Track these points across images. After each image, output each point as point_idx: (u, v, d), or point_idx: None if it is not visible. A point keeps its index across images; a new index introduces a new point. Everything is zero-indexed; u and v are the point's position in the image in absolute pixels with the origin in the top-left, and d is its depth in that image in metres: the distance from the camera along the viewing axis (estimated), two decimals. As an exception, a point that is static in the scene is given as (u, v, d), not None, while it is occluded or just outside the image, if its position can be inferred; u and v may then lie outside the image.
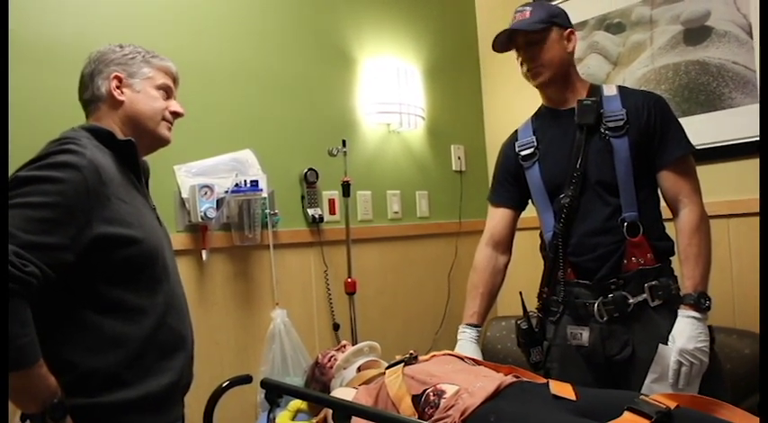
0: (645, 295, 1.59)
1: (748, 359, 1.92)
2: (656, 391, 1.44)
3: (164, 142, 1.41)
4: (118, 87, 1.33)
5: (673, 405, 1.14)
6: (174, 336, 1.29)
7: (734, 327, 2.07)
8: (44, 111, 1.76)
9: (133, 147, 1.31)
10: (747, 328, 2.02)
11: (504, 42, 1.73)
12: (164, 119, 1.38)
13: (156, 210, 1.40)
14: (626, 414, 1.12)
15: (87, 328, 1.17)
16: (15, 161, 1.18)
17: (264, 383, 1.35)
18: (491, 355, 2.56)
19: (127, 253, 1.20)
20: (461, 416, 1.24)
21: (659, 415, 1.10)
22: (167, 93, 1.40)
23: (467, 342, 1.76)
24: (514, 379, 1.39)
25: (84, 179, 1.13)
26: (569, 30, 1.71)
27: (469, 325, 1.78)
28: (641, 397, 1.17)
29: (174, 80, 1.43)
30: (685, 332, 1.50)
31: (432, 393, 1.34)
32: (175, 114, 1.41)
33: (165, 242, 1.37)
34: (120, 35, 1.95)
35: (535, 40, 1.67)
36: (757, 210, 1.86)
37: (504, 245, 1.88)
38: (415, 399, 1.37)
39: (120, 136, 1.30)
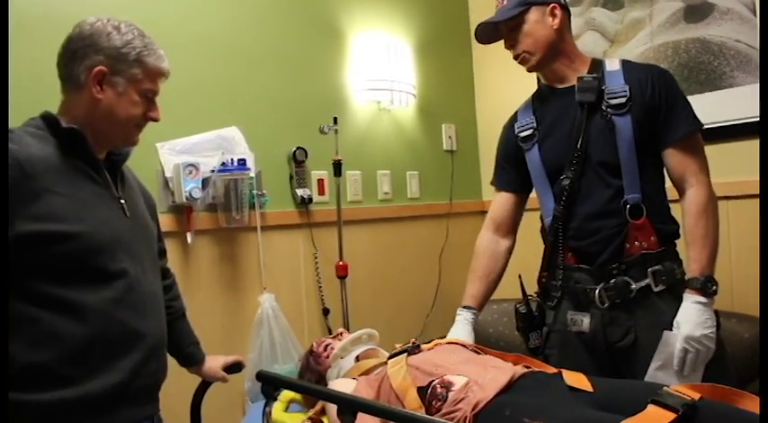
0: (648, 280, 1.54)
1: (748, 343, 1.90)
2: (661, 379, 1.42)
3: (129, 146, 1.35)
4: (99, 82, 1.23)
5: (696, 396, 1.10)
6: (125, 333, 1.22)
7: (732, 310, 2.05)
8: (44, 84, 1.61)
9: (78, 135, 1.22)
10: (746, 312, 2.01)
11: (490, 33, 1.72)
12: (136, 125, 1.31)
13: (122, 199, 1.31)
14: (650, 407, 1.07)
15: (26, 322, 1.14)
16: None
17: (261, 376, 1.28)
18: (483, 339, 2.50)
19: (62, 249, 1.15)
20: (473, 410, 1.18)
21: (685, 408, 1.05)
22: (150, 97, 1.31)
23: (459, 324, 1.74)
24: (526, 370, 1.34)
25: None
26: (552, 5, 1.64)
27: (465, 307, 1.76)
28: (665, 389, 1.12)
29: (163, 78, 1.33)
30: (691, 318, 1.46)
31: (439, 385, 1.29)
32: (151, 119, 1.33)
33: (133, 234, 1.30)
34: (110, 10, 1.83)
35: (514, 26, 1.65)
36: (757, 191, 1.83)
37: (506, 229, 1.84)
38: (421, 391, 1.32)
39: (65, 123, 1.21)
